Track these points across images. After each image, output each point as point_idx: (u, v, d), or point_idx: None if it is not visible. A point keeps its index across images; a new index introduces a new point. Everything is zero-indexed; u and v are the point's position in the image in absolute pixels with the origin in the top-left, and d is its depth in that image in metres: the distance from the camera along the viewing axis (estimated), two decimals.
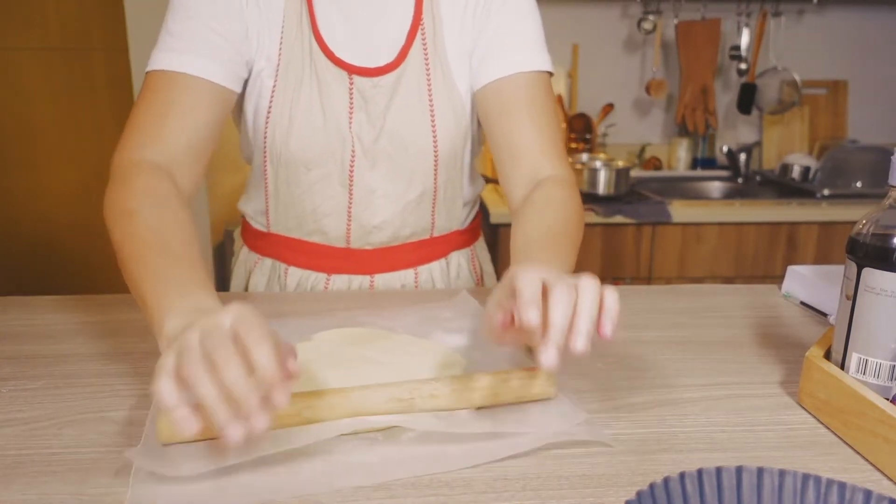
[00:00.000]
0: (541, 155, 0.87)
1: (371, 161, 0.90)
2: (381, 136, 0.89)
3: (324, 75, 0.87)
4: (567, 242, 0.75)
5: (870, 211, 0.58)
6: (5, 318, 0.83)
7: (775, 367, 0.72)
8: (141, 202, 0.69)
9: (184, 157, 0.78)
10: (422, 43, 0.89)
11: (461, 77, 0.91)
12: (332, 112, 0.87)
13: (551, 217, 0.78)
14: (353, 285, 0.98)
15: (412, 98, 0.89)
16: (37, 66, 2.58)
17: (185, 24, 0.80)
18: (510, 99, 0.88)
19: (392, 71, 0.88)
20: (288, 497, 0.49)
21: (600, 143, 2.52)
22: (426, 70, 0.89)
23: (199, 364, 0.44)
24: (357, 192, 0.92)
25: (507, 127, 0.88)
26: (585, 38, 2.50)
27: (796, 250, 2.07)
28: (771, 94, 2.49)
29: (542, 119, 0.88)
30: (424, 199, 0.95)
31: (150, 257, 0.63)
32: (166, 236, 0.65)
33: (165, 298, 0.57)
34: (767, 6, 2.45)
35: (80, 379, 0.67)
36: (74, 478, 0.51)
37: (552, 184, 0.84)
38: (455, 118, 0.91)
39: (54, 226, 2.70)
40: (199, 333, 0.46)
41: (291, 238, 0.97)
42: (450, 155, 0.92)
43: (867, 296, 0.57)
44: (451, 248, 1.02)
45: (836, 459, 0.56)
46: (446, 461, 0.53)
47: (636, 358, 0.74)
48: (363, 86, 0.88)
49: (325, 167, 0.90)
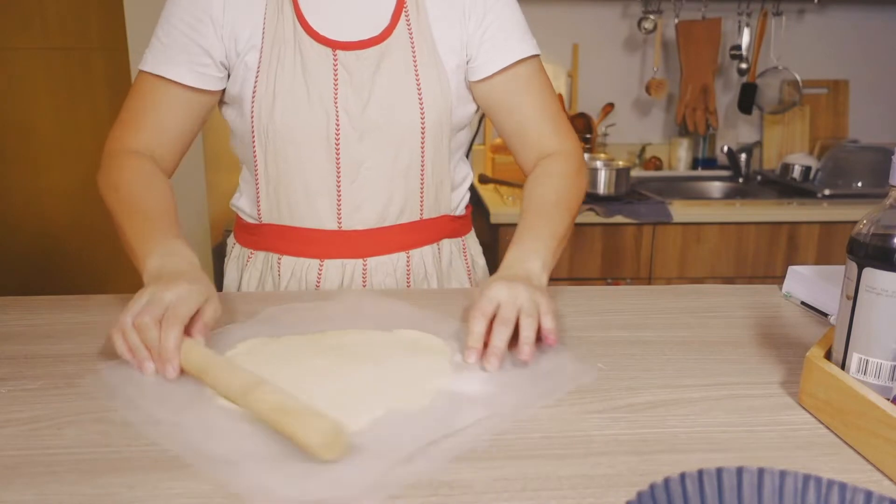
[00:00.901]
0: (545, 133, 0.99)
1: (359, 133, 0.93)
2: (369, 104, 0.93)
3: (307, 53, 0.92)
4: (558, 209, 0.91)
5: (870, 211, 0.58)
6: (5, 318, 0.83)
7: (776, 368, 0.72)
8: (125, 177, 0.88)
9: (160, 148, 0.93)
10: (406, 23, 0.94)
11: (446, 55, 0.95)
12: (316, 88, 0.92)
13: (548, 188, 0.93)
14: (347, 270, 0.98)
15: (398, 68, 0.93)
16: (37, 66, 2.58)
17: (165, 29, 0.92)
18: (511, 88, 0.98)
19: (376, 45, 0.93)
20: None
21: (600, 143, 2.52)
22: (411, 44, 0.94)
23: (132, 327, 0.68)
24: (344, 166, 0.95)
25: (513, 114, 0.99)
26: (585, 38, 2.50)
27: (797, 250, 2.07)
28: (771, 93, 2.49)
29: (541, 100, 0.99)
30: (411, 173, 0.97)
31: (134, 218, 0.83)
32: (146, 201, 0.85)
33: (146, 245, 0.78)
34: (768, 6, 2.45)
35: (80, 379, 0.67)
36: (74, 478, 0.51)
37: (553, 158, 0.97)
38: (441, 90, 0.95)
39: (54, 225, 2.71)
40: (146, 297, 0.69)
41: (283, 226, 0.98)
42: (436, 128, 0.96)
43: (868, 296, 0.57)
44: (441, 235, 1.04)
45: (836, 460, 0.56)
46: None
47: (636, 358, 0.74)
48: (347, 59, 0.92)
49: (312, 143, 0.93)
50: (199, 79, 0.92)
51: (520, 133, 0.99)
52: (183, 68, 0.91)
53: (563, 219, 0.90)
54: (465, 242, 1.10)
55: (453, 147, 1.01)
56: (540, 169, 0.97)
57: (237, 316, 0.82)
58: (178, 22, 0.91)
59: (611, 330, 0.81)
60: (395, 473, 0.52)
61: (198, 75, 0.92)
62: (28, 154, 2.65)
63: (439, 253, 1.04)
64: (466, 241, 1.10)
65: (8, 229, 2.70)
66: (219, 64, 0.93)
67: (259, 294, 0.98)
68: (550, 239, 0.85)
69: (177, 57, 0.91)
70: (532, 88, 0.98)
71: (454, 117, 0.98)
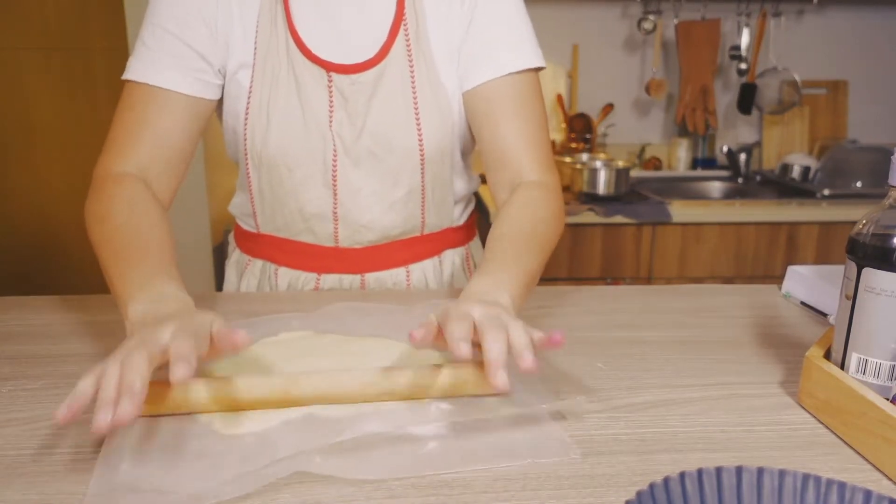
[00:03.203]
0: (526, 160, 0.87)
1: (354, 160, 0.89)
2: (362, 135, 0.88)
3: (302, 74, 0.85)
4: (534, 244, 0.77)
5: (870, 211, 0.58)
6: (5, 318, 0.83)
7: (775, 367, 0.72)
8: (112, 207, 0.76)
9: (156, 167, 0.82)
10: (404, 38, 0.87)
11: (448, 74, 0.89)
12: (312, 111, 0.86)
13: (524, 219, 0.80)
14: (344, 284, 0.97)
15: (395, 96, 0.87)
16: (37, 65, 2.58)
17: (153, 32, 0.83)
18: (497, 103, 0.87)
19: (372, 67, 0.87)
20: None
21: (600, 143, 2.52)
22: (409, 66, 0.87)
23: (114, 377, 0.51)
24: (342, 191, 0.91)
25: (494, 131, 0.88)
26: (585, 38, 2.50)
27: (796, 250, 2.07)
28: (771, 94, 2.49)
29: (529, 124, 0.88)
30: (412, 198, 0.93)
31: (120, 254, 0.70)
32: (134, 235, 0.72)
33: (129, 288, 0.65)
34: (767, 6, 2.45)
35: (79, 379, 0.67)
36: (74, 478, 0.51)
37: (533, 187, 0.85)
38: (441, 116, 0.89)
39: (54, 225, 2.71)
40: (135, 340, 0.55)
41: (281, 238, 0.96)
42: (437, 153, 0.91)
43: (867, 296, 0.57)
44: (444, 247, 1.01)
45: (836, 459, 0.56)
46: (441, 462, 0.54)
47: (636, 358, 0.74)
48: (342, 84, 0.86)
49: (308, 168, 0.89)
50: (195, 86, 0.83)
51: (497, 154, 0.88)
52: (176, 73, 0.82)
53: (536, 256, 0.76)
54: (469, 250, 1.06)
55: (456, 159, 0.95)
56: (520, 197, 0.84)
57: (237, 317, 0.82)
58: (167, 22, 0.82)
59: (611, 330, 0.81)
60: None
61: (194, 81, 0.83)
62: (28, 154, 2.65)
63: (440, 265, 1.01)
64: (470, 248, 1.06)
65: (8, 229, 2.70)
66: (216, 71, 0.85)
67: (271, 294, 0.97)
68: (523, 274, 0.72)
69: (166, 61, 0.82)
70: (518, 108, 0.87)
71: (463, 140, 0.93)
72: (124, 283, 0.65)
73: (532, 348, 0.56)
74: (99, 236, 0.73)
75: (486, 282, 0.68)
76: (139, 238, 0.72)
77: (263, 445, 0.55)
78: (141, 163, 0.81)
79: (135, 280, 0.65)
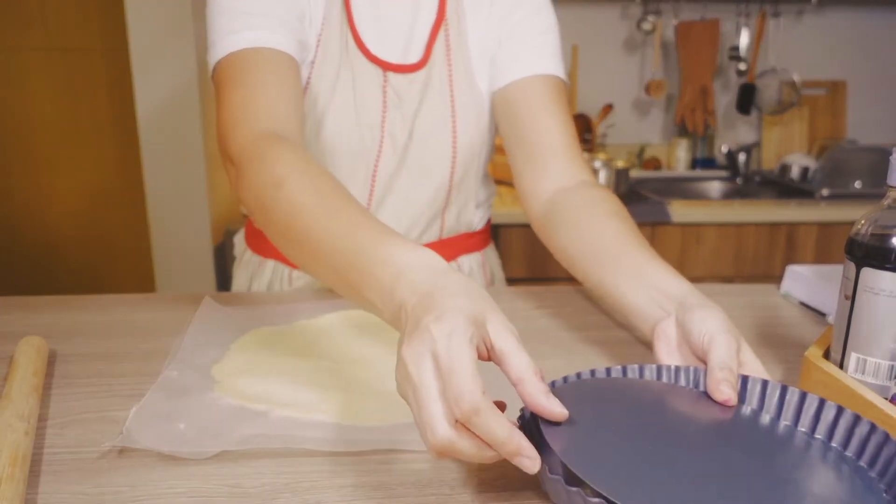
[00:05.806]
0: (570, 158, 0.85)
1: (398, 159, 0.89)
2: (412, 135, 0.89)
3: (359, 71, 0.85)
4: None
5: (869, 211, 0.58)
6: (7, 318, 0.83)
7: (774, 367, 0.72)
8: (285, 169, 0.61)
9: (291, 124, 0.72)
10: (445, 39, 0.88)
11: (481, 75, 0.90)
12: (366, 110, 0.86)
13: (627, 224, 0.75)
14: None
15: (437, 98, 0.88)
16: (37, 66, 2.58)
17: (252, 4, 0.75)
18: (539, 98, 0.86)
19: (423, 67, 0.87)
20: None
21: (600, 144, 2.52)
22: (448, 66, 0.88)
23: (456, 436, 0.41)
24: (377, 190, 0.91)
25: (534, 126, 0.86)
26: (585, 38, 2.50)
27: (795, 250, 2.07)
28: (770, 94, 2.49)
29: (567, 124, 0.87)
30: (437, 199, 0.94)
31: (340, 211, 0.55)
32: (337, 192, 0.58)
33: (384, 251, 0.49)
34: (767, 7, 2.46)
35: (80, 379, 0.67)
36: (74, 478, 0.51)
37: (601, 190, 0.81)
38: (477, 119, 0.90)
39: (54, 225, 2.70)
40: (430, 363, 0.42)
41: None
42: (468, 154, 0.92)
43: (866, 296, 0.57)
44: (460, 252, 1.00)
45: None
46: None
47: (636, 358, 0.74)
48: (399, 83, 0.87)
49: (352, 166, 0.88)
50: (296, 49, 0.77)
51: (536, 157, 0.86)
52: (280, 36, 0.74)
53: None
54: (484, 256, 1.05)
55: (482, 163, 0.96)
56: (595, 199, 0.79)
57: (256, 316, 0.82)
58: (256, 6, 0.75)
59: (611, 330, 0.81)
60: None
61: (297, 43, 0.77)
62: (28, 154, 2.65)
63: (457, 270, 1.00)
64: (485, 254, 1.05)
65: (8, 229, 2.70)
66: (302, 41, 0.78)
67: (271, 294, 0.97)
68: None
69: (271, 25, 0.75)
70: (559, 104, 0.87)
71: (489, 143, 0.93)
72: (365, 245, 0.51)
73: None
74: (280, 203, 0.58)
75: (683, 282, 0.65)
76: (341, 193, 0.58)
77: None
78: (276, 117, 0.71)
79: (379, 241, 0.51)
